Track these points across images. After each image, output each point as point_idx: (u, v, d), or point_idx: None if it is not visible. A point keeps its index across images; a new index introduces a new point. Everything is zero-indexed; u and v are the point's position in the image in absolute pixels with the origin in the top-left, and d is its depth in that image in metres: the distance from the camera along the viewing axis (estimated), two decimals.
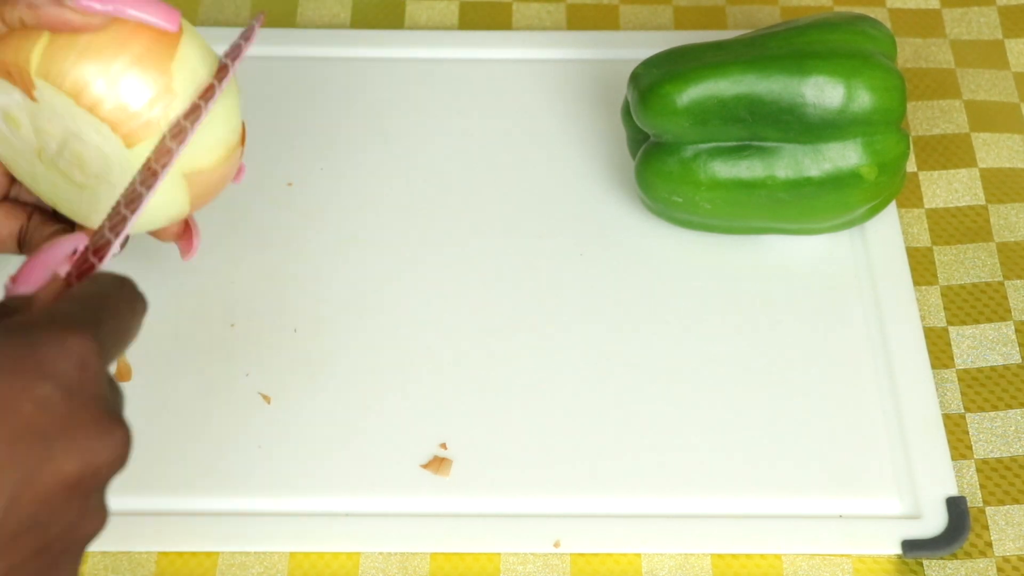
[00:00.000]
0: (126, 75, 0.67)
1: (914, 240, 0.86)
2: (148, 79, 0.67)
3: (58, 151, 0.69)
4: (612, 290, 0.83)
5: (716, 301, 0.83)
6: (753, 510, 0.76)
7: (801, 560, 0.74)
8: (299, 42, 0.95)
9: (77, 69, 0.66)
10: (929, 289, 0.84)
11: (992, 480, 0.77)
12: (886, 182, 0.81)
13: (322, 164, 0.89)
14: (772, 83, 0.79)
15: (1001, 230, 0.87)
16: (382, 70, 0.94)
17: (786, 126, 0.80)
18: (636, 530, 0.75)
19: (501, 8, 0.98)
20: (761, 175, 0.81)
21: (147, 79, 0.67)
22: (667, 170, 0.82)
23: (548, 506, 0.76)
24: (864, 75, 0.79)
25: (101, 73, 0.67)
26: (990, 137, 0.91)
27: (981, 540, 0.75)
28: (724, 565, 0.74)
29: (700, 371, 0.80)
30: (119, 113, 0.67)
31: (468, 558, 0.74)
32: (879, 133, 0.80)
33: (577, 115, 0.91)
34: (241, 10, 0.97)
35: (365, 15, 0.97)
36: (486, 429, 0.78)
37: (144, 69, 0.67)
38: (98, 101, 0.66)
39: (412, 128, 0.91)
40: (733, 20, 0.97)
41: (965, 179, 0.89)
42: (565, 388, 0.79)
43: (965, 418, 0.79)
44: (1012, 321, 0.83)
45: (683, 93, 0.80)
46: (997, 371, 0.81)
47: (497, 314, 0.82)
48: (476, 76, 0.93)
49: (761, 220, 0.83)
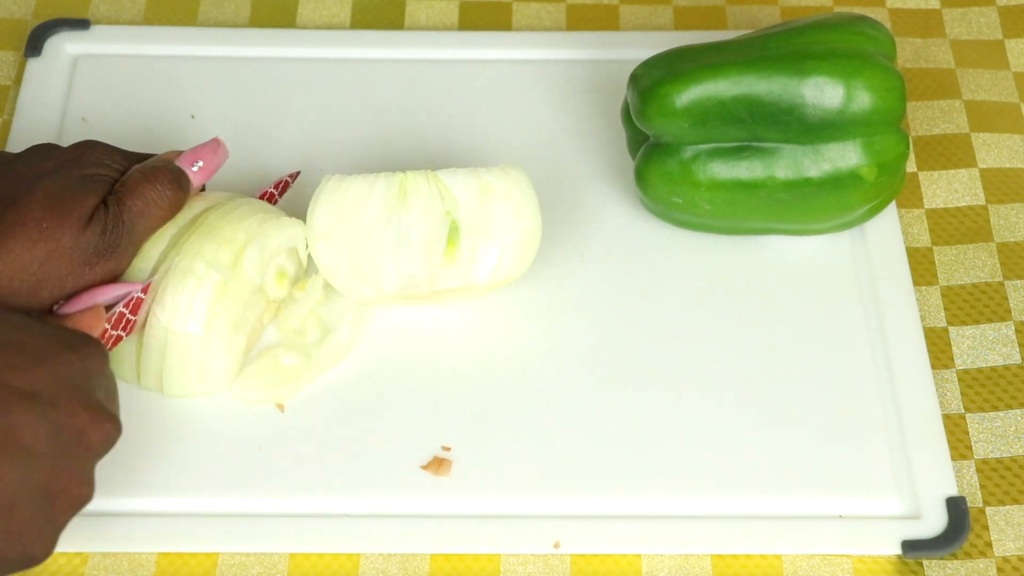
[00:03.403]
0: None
1: (914, 240, 0.86)
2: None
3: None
4: (612, 290, 0.83)
5: (716, 301, 0.83)
6: (753, 510, 0.76)
7: (801, 560, 0.74)
8: (299, 43, 0.95)
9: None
10: (929, 289, 0.84)
11: (992, 480, 0.77)
12: (886, 182, 0.81)
13: (322, 165, 0.89)
14: (772, 84, 0.79)
15: (1001, 230, 0.87)
16: (382, 70, 0.93)
17: (786, 127, 0.80)
18: (636, 531, 0.75)
19: (501, 8, 0.98)
20: (761, 176, 0.81)
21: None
22: (667, 171, 0.81)
23: (548, 507, 0.75)
24: (864, 75, 0.79)
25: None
26: (990, 137, 0.91)
27: (981, 540, 0.75)
28: (724, 565, 0.74)
29: (700, 371, 0.80)
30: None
31: (468, 559, 0.74)
32: (879, 133, 0.80)
33: (577, 116, 0.91)
34: (241, 10, 0.97)
35: (365, 15, 0.97)
36: (486, 430, 0.78)
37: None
38: None
39: (412, 128, 0.91)
40: (733, 20, 0.97)
41: (965, 179, 0.89)
42: (565, 389, 0.79)
43: (965, 418, 0.79)
44: (1012, 321, 0.83)
45: (683, 94, 0.80)
46: (997, 371, 0.81)
47: (496, 314, 0.82)
48: (476, 76, 0.93)
49: (761, 221, 0.83)
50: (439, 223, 0.78)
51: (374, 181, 0.78)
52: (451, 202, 0.78)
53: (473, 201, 0.78)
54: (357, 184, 0.78)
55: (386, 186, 0.78)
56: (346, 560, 0.74)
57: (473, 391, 0.79)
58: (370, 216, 0.78)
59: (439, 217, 0.78)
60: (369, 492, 0.76)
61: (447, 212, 0.78)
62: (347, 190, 0.78)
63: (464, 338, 0.81)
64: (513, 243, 0.78)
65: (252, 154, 0.89)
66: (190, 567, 0.73)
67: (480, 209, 0.78)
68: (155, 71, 0.93)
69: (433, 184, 0.78)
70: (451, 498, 0.75)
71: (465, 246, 0.78)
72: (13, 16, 0.96)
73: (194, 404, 0.78)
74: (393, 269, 0.78)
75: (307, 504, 0.75)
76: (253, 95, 0.92)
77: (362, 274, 0.78)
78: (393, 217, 0.78)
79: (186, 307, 0.75)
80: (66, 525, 0.66)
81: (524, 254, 0.79)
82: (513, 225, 0.78)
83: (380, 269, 0.78)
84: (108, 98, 0.91)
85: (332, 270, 0.78)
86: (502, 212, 0.78)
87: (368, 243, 0.78)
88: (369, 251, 0.78)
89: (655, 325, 0.82)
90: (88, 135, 0.89)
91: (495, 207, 0.78)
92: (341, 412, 0.78)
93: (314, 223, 0.78)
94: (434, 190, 0.78)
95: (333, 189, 0.78)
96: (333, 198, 0.78)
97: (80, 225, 0.73)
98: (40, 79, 0.92)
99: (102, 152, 0.77)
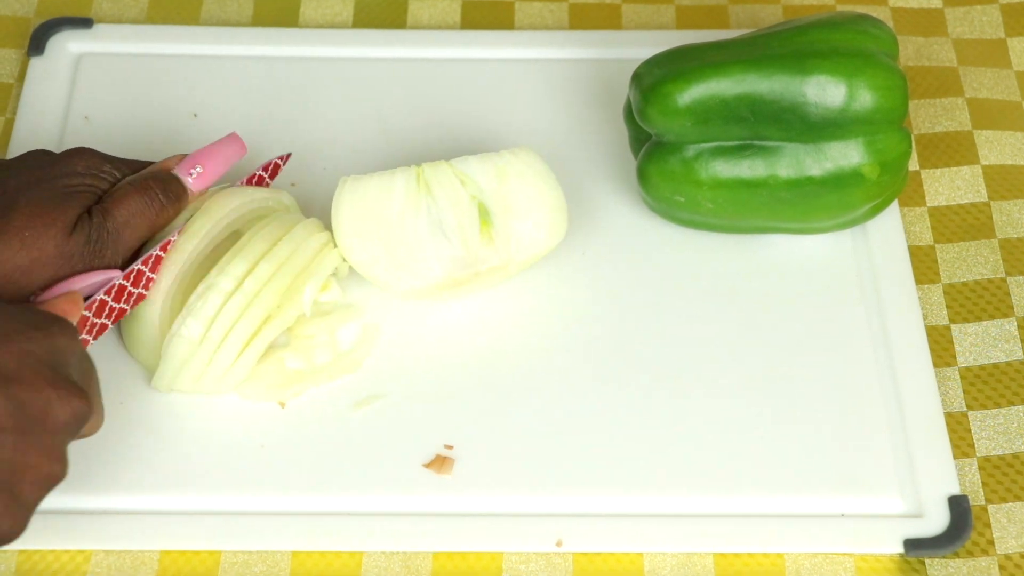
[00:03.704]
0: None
1: (916, 239, 0.86)
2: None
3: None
4: (614, 289, 0.83)
5: (718, 300, 0.83)
6: (755, 509, 0.76)
7: (803, 559, 0.74)
8: (301, 42, 0.95)
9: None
10: (931, 287, 0.84)
11: (994, 478, 0.77)
12: (888, 181, 0.81)
13: (324, 164, 0.89)
14: (774, 82, 0.79)
15: (1004, 226, 0.87)
16: (384, 70, 0.93)
17: (788, 125, 0.80)
18: (638, 529, 0.75)
19: (503, 7, 0.98)
20: (763, 174, 0.81)
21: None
22: (669, 169, 0.82)
23: (550, 505, 0.75)
24: (866, 74, 0.79)
25: None
26: (992, 135, 0.91)
27: (983, 538, 0.75)
28: (726, 564, 0.74)
29: (702, 370, 0.80)
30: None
31: (470, 557, 0.74)
32: (881, 132, 0.80)
33: (579, 114, 0.91)
34: (244, 9, 0.97)
35: (367, 14, 0.97)
36: (489, 428, 0.78)
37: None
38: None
39: (415, 128, 0.91)
40: (735, 19, 0.97)
41: (968, 176, 0.89)
42: (567, 387, 0.79)
43: (967, 416, 0.79)
44: (1015, 318, 0.83)
45: (685, 93, 0.80)
46: (1000, 368, 0.81)
47: (499, 312, 0.82)
48: (478, 76, 0.93)
49: (763, 219, 0.83)
50: (468, 207, 0.79)
51: (392, 176, 0.79)
52: (473, 187, 0.79)
53: (492, 183, 0.79)
54: (376, 181, 0.79)
55: (405, 179, 0.79)
56: (348, 558, 0.74)
57: (476, 389, 0.79)
58: (397, 209, 0.78)
59: (466, 202, 0.79)
60: (371, 490, 0.76)
61: (472, 196, 0.79)
62: (368, 188, 0.79)
63: (466, 336, 0.81)
64: (545, 215, 0.80)
65: (254, 152, 0.89)
66: (192, 565, 0.73)
67: (501, 190, 0.79)
68: (158, 70, 0.93)
69: (451, 172, 0.79)
70: (453, 496, 0.75)
71: (499, 224, 0.79)
72: (16, 14, 0.96)
73: (198, 403, 0.78)
74: (434, 256, 0.79)
75: (309, 502, 0.75)
76: (255, 94, 0.92)
77: (403, 264, 0.79)
78: (421, 207, 0.79)
79: (210, 318, 0.76)
80: (38, 503, 0.65)
81: (556, 223, 0.80)
82: (538, 200, 0.80)
83: (421, 258, 0.79)
84: (111, 97, 0.91)
85: (368, 265, 0.79)
86: (524, 189, 0.80)
87: (402, 234, 0.78)
88: (405, 242, 0.79)
89: (657, 324, 0.82)
90: (90, 134, 0.89)
91: (515, 185, 0.80)
92: (343, 410, 0.78)
93: (341, 222, 0.79)
94: (454, 178, 0.79)
95: (352, 189, 0.79)
96: (355, 197, 0.79)
97: (64, 234, 0.74)
98: (43, 78, 0.92)
99: (92, 160, 0.78)
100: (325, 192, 0.87)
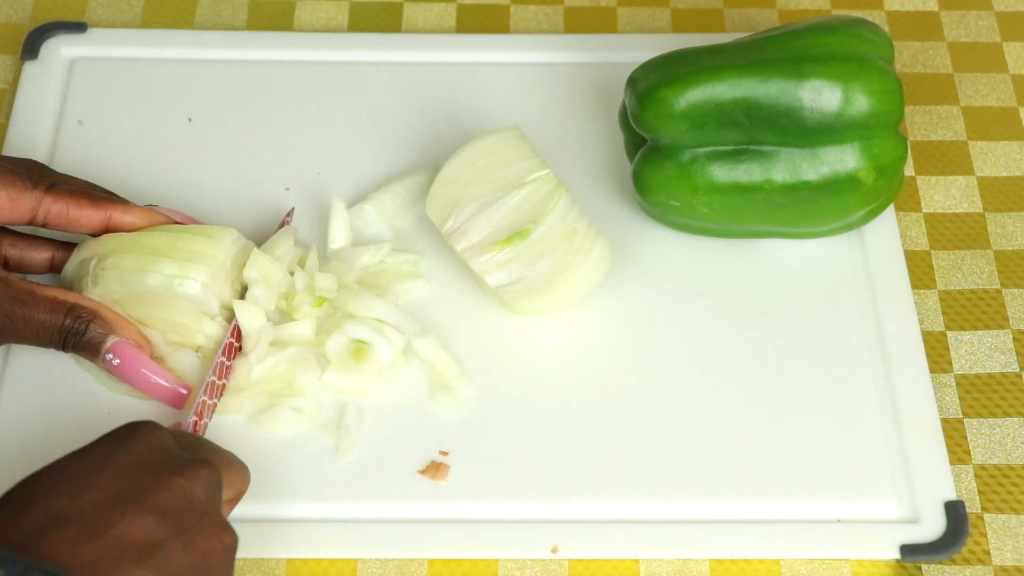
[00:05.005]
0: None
1: (912, 244, 0.86)
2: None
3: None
4: (608, 294, 0.83)
5: (714, 305, 0.83)
6: (751, 515, 0.75)
7: (800, 565, 0.74)
8: (296, 46, 0.94)
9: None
10: (927, 293, 0.84)
11: (990, 487, 0.77)
12: (884, 185, 0.81)
13: (319, 168, 0.88)
14: (769, 87, 0.79)
15: (998, 239, 0.86)
16: (379, 73, 0.93)
17: (783, 130, 0.80)
18: (634, 535, 0.74)
19: (498, 11, 0.98)
20: (759, 179, 0.81)
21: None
22: (665, 174, 0.81)
23: (546, 512, 0.75)
24: (861, 79, 0.79)
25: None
26: (987, 146, 0.91)
27: (979, 548, 0.75)
28: (723, 570, 0.74)
29: (698, 375, 0.80)
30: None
31: (466, 564, 0.74)
32: (876, 137, 0.80)
33: (574, 119, 0.91)
34: (238, 13, 0.97)
35: (362, 18, 0.97)
36: (483, 434, 0.78)
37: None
38: None
39: (410, 131, 0.90)
40: (731, 23, 0.97)
41: (963, 186, 0.89)
42: (561, 393, 0.79)
43: (963, 423, 0.79)
44: (1010, 329, 0.83)
45: (681, 97, 0.80)
46: (995, 378, 0.81)
47: (494, 318, 0.82)
48: (473, 80, 0.93)
49: (759, 224, 0.83)
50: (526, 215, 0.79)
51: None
52: (540, 216, 0.79)
53: (555, 231, 0.79)
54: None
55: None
56: (344, 565, 0.74)
57: (469, 396, 0.79)
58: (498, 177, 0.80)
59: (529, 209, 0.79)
60: (366, 497, 0.75)
61: (533, 221, 0.79)
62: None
63: (460, 341, 0.81)
64: (575, 276, 0.79)
65: (248, 157, 0.89)
66: None
67: (552, 236, 0.79)
68: (152, 74, 0.93)
69: (559, 198, 0.80)
70: (449, 503, 0.75)
71: (527, 244, 0.79)
72: (10, 19, 0.96)
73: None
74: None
75: (304, 509, 0.75)
76: (250, 98, 0.92)
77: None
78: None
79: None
80: None
81: (578, 286, 0.80)
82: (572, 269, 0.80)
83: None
84: (105, 101, 0.91)
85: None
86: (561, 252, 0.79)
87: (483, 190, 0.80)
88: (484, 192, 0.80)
89: (652, 329, 0.82)
90: (85, 138, 0.89)
91: (562, 245, 0.79)
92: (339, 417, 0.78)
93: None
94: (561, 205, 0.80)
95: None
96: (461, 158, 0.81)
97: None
98: (36, 82, 0.92)
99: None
100: (319, 196, 0.86)
